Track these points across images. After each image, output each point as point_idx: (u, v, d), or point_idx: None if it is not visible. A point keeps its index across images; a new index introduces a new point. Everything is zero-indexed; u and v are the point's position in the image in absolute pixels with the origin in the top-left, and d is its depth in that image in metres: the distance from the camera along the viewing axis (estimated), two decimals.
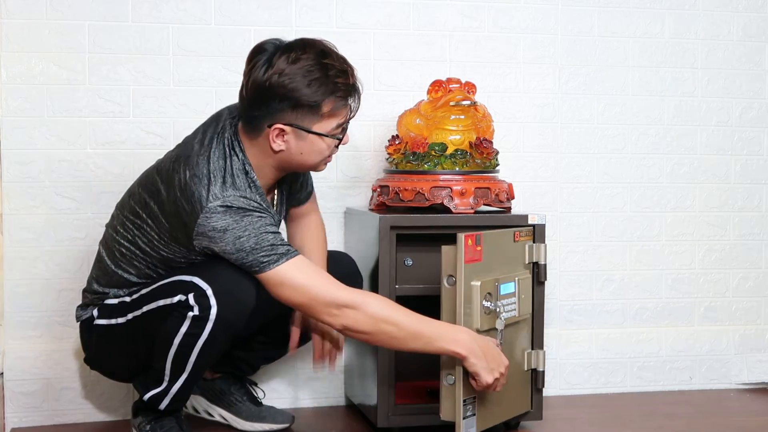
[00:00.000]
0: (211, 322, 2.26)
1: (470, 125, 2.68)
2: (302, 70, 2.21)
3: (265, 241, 2.22)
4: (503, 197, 2.67)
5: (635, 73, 3.17)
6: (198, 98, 2.87)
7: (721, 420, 2.86)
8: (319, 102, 2.24)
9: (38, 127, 2.78)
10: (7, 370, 2.75)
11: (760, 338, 3.26)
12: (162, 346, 2.31)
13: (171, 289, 2.31)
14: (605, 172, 3.16)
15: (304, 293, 2.24)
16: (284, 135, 2.27)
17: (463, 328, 2.33)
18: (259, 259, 2.22)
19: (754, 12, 3.23)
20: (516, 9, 3.07)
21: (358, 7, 2.97)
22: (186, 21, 2.86)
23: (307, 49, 2.24)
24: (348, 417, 2.85)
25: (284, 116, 2.25)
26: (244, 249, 2.22)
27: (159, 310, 2.32)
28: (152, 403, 2.39)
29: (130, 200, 2.41)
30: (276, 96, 2.22)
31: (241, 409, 2.68)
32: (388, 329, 2.26)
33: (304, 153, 2.30)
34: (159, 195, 2.32)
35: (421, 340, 2.28)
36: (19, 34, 2.76)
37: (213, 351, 2.31)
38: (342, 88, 2.26)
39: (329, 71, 2.24)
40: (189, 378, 2.34)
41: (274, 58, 2.22)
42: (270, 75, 2.21)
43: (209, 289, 2.25)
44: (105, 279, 2.45)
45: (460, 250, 2.35)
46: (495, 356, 2.33)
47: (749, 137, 3.26)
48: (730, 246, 3.26)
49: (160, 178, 2.34)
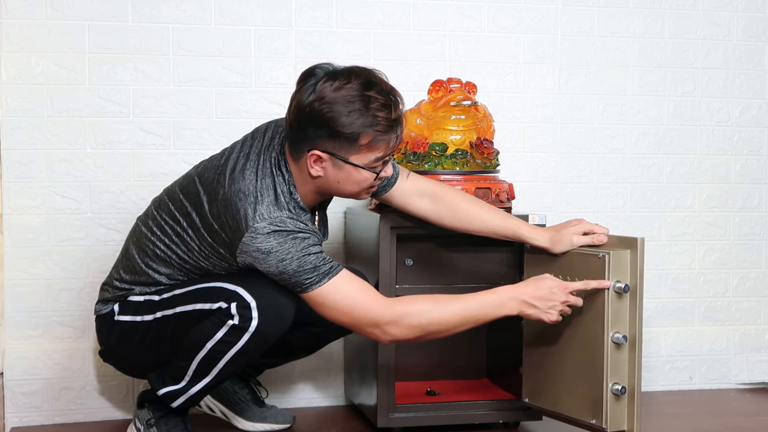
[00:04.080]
0: (249, 333, 2.26)
1: (471, 125, 2.68)
2: (343, 99, 2.17)
3: (308, 263, 2.21)
4: (504, 197, 2.67)
5: (635, 73, 3.17)
6: (198, 98, 2.87)
7: (721, 420, 2.86)
8: (357, 134, 2.19)
9: (38, 127, 2.78)
10: (7, 370, 2.74)
11: (760, 338, 3.26)
12: (191, 347, 2.30)
13: (211, 295, 2.30)
14: (605, 172, 3.16)
15: (346, 313, 2.24)
16: (321, 162, 2.24)
17: (503, 288, 2.30)
18: (301, 282, 2.21)
19: (754, 12, 3.23)
20: (516, 9, 3.07)
21: (358, 7, 2.97)
22: (186, 21, 2.86)
23: (353, 78, 2.20)
24: (348, 417, 2.85)
25: (322, 143, 2.21)
26: (287, 272, 2.21)
27: (195, 313, 2.31)
28: (165, 400, 2.38)
29: (170, 204, 2.37)
30: (314, 122, 2.19)
31: (243, 409, 2.68)
32: (434, 329, 2.27)
33: (341, 182, 2.27)
34: (201, 207, 2.30)
35: (470, 322, 2.28)
36: (19, 34, 2.76)
37: (241, 361, 2.32)
38: (382, 122, 2.20)
39: (371, 103, 2.19)
40: (210, 383, 2.34)
41: (320, 83, 2.19)
42: (312, 100, 2.18)
43: (253, 302, 2.25)
44: (131, 275, 2.41)
45: (641, 255, 2.30)
46: (547, 296, 2.29)
47: (749, 137, 3.26)
48: (730, 246, 3.26)
49: (203, 187, 2.31)
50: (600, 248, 2.36)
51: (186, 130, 2.86)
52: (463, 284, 2.66)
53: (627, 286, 2.30)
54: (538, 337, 2.51)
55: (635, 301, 2.31)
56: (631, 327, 2.31)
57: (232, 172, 2.27)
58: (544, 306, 2.29)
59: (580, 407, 2.40)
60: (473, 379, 2.93)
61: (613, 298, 2.31)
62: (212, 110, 2.88)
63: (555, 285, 2.30)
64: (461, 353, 2.94)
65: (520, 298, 2.28)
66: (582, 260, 2.36)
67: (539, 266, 2.45)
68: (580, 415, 2.41)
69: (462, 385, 2.87)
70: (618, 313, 2.32)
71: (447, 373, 2.92)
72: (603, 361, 2.32)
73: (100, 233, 2.81)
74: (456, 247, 2.67)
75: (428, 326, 2.26)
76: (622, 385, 2.32)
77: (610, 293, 2.30)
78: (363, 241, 2.73)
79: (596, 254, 2.32)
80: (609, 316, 2.31)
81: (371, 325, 2.24)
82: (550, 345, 2.47)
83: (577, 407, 2.41)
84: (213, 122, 2.88)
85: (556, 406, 2.48)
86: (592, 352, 2.35)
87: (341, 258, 2.94)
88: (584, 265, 2.35)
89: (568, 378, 2.43)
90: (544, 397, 2.51)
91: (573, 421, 2.45)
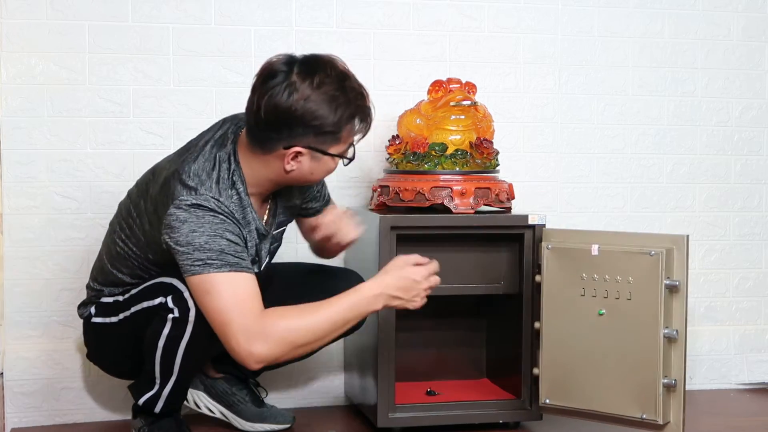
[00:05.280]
0: (190, 324, 2.26)
1: (470, 125, 2.68)
2: (327, 96, 2.19)
3: (217, 244, 2.16)
4: (503, 197, 2.67)
5: (635, 73, 3.17)
6: (198, 98, 2.87)
7: (721, 420, 2.86)
8: (341, 126, 2.23)
9: (38, 127, 2.78)
10: (7, 370, 2.74)
11: (760, 338, 3.26)
12: (149, 349, 2.33)
13: (153, 291, 2.32)
14: (605, 172, 3.16)
15: (223, 312, 2.15)
16: (299, 156, 2.25)
17: (366, 285, 2.26)
18: (201, 259, 2.15)
19: (754, 12, 3.23)
20: (516, 9, 3.07)
21: (358, 7, 2.97)
22: (186, 21, 2.86)
23: (329, 71, 2.21)
24: (348, 417, 2.85)
25: (304, 140, 2.22)
26: (192, 243, 2.16)
27: (144, 312, 2.34)
28: (147, 407, 2.40)
29: (127, 199, 2.43)
30: (301, 122, 2.19)
31: (242, 410, 2.68)
32: (303, 341, 2.18)
33: (314, 173, 2.29)
34: (146, 193, 2.33)
35: (338, 328, 2.22)
36: (19, 34, 2.76)
37: (197, 352, 2.32)
38: (362, 111, 2.25)
39: (350, 94, 2.22)
40: (178, 380, 2.35)
41: (297, 82, 2.18)
42: (295, 101, 2.17)
43: (186, 291, 2.25)
44: (101, 277, 2.47)
45: (687, 251, 2.39)
46: (411, 285, 2.27)
47: (749, 137, 3.26)
48: (730, 246, 3.26)
49: (153, 176, 2.35)
50: (647, 245, 2.42)
51: (186, 130, 2.85)
52: (463, 284, 2.66)
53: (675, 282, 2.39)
54: (561, 338, 2.53)
55: (681, 296, 2.39)
56: (680, 322, 2.39)
57: (178, 157, 2.30)
58: (408, 296, 2.27)
59: (626, 403, 2.45)
60: (473, 379, 2.93)
61: (665, 294, 2.39)
62: (212, 110, 2.88)
63: (416, 273, 2.28)
64: (461, 353, 2.94)
65: (385, 293, 2.25)
66: (629, 258, 2.42)
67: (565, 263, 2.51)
68: (626, 411, 2.45)
69: (462, 385, 2.87)
70: (668, 310, 2.40)
71: (447, 373, 2.92)
72: (656, 356, 2.39)
73: (100, 233, 2.79)
74: (456, 247, 2.67)
75: (297, 340, 2.17)
76: (674, 379, 2.39)
77: (662, 290, 2.38)
78: (363, 241, 2.73)
79: (648, 252, 2.39)
80: (662, 312, 2.39)
81: (241, 332, 2.13)
82: (578, 344, 2.50)
83: (621, 403, 2.46)
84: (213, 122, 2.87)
85: (592, 405, 2.50)
86: (642, 348, 2.41)
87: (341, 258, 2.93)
88: (633, 264, 2.41)
89: (608, 375, 2.46)
90: (572, 396, 2.53)
91: (614, 418, 2.48)
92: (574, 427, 2.64)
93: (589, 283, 2.49)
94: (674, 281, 2.39)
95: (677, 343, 2.41)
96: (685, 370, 2.41)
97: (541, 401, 2.58)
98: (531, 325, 2.63)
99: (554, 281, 2.54)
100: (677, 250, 2.40)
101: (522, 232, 2.64)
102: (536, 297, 2.60)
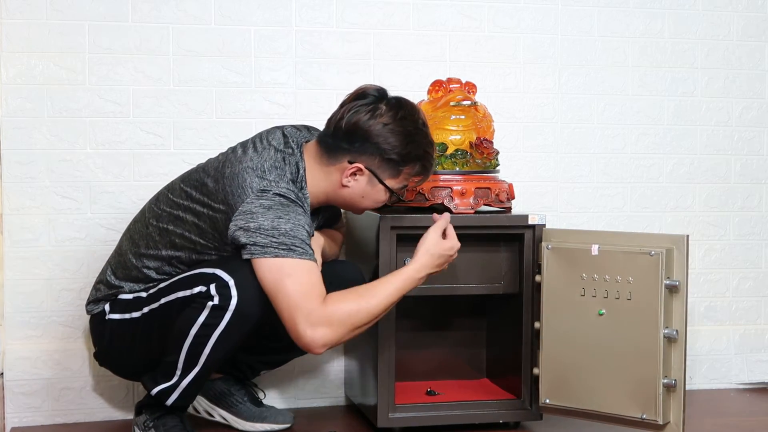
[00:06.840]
0: (229, 312, 2.28)
1: (470, 125, 2.68)
2: (405, 131, 2.34)
3: (300, 233, 2.26)
4: (503, 197, 2.67)
5: (635, 73, 3.17)
6: (198, 98, 2.87)
7: (721, 420, 2.86)
8: (405, 163, 2.36)
9: (38, 127, 2.78)
10: (7, 370, 2.74)
11: (760, 338, 3.26)
12: (177, 338, 2.32)
13: (191, 281, 2.34)
14: (605, 172, 3.16)
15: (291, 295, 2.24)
16: (358, 175, 2.36)
17: (411, 267, 2.38)
18: (284, 243, 2.24)
19: (754, 12, 3.23)
20: (516, 9, 3.07)
21: (358, 7, 2.97)
22: (186, 21, 2.86)
23: (414, 113, 2.37)
24: (348, 417, 2.85)
25: (369, 161, 2.36)
26: (278, 228, 2.24)
27: (178, 302, 2.35)
28: (159, 398, 2.39)
29: (169, 194, 2.44)
30: (374, 141, 2.33)
31: (241, 410, 2.68)
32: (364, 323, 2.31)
33: (365, 197, 2.41)
34: (205, 187, 2.36)
35: (389, 307, 2.35)
36: (19, 34, 2.76)
37: (227, 345, 2.32)
38: (428, 159, 2.40)
39: (424, 139, 2.38)
40: (200, 373, 2.35)
41: (383, 108, 2.34)
42: (375, 122, 2.33)
43: (231, 280, 2.28)
44: (122, 272, 2.46)
45: (687, 251, 2.40)
46: (443, 261, 2.42)
47: (749, 137, 3.26)
48: (730, 246, 3.26)
49: (205, 173, 2.39)
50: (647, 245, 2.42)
51: (186, 130, 2.86)
52: (463, 284, 2.66)
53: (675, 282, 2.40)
54: (561, 338, 2.54)
55: (681, 296, 2.40)
56: (680, 322, 2.40)
57: (244, 155, 2.36)
58: (441, 265, 2.43)
59: (626, 403, 2.45)
60: (473, 379, 2.93)
61: (665, 294, 2.39)
62: (212, 110, 2.88)
63: (448, 249, 2.42)
64: (461, 353, 2.94)
65: (426, 272, 2.40)
66: (629, 258, 2.43)
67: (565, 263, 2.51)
68: (626, 411, 2.46)
69: (462, 385, 2.87)
70: (668, 310, 2.40)
71: (447, 373, 2.92)
72: (656, 356, 2.40)
73: (100, 233, 2.81)
74: None
75: (356, 323, 2.30)
76: (674, 379, 2.40)
77: (662, 289, 2.38)
78: (363, 240, 2.74)
79: (648, 252, 2.39)
80: (662, 312, 2.39)
81: (307, 316, 2.24)
82: (579, 344, 2.51)
83: (621, 403, 2.46)
84: (213, 122, 2.88)
85: (592, 405, 2.50)
86: (642, 348, 2.41)
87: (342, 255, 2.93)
88: (633, 264, 2.42)
89: (608, 375, 2.47)
90: (572, 396, 2.53)
91: (614, 418, 2.49)
92: (574, 427, 2.64)
93: (589, 283, 2.49)
94: (674, 281, 2.40)
95: (677, 343, 2.41)
96: (685, 370, 2.42)
97: (541, 401, 2.59)
98: (531, 325, 2.63)
99: (554, 281, 2.54)
100: (677, 250, 2.40)
101: (522, 232, 2.64)
102: (536, 297, 2.61)
